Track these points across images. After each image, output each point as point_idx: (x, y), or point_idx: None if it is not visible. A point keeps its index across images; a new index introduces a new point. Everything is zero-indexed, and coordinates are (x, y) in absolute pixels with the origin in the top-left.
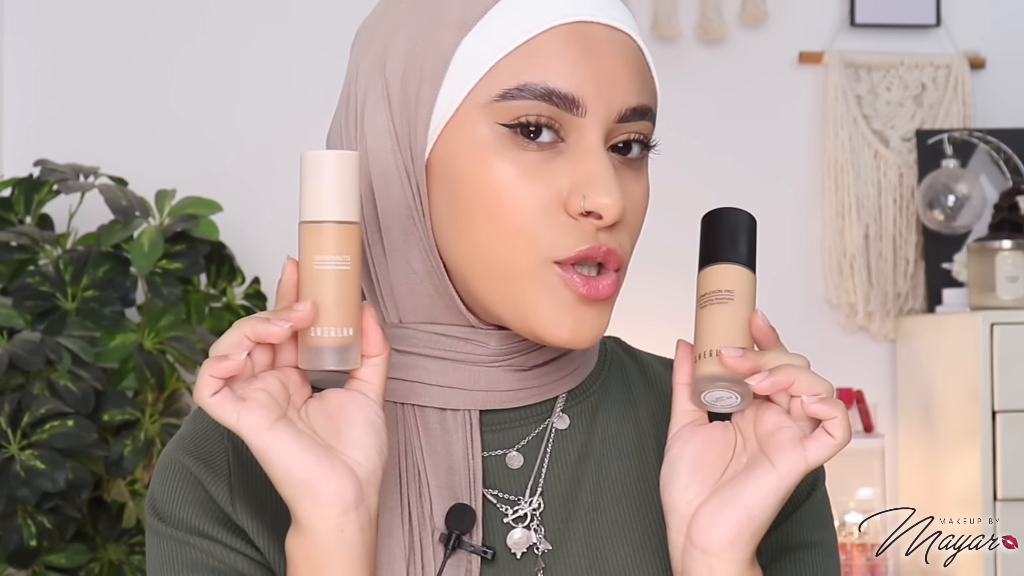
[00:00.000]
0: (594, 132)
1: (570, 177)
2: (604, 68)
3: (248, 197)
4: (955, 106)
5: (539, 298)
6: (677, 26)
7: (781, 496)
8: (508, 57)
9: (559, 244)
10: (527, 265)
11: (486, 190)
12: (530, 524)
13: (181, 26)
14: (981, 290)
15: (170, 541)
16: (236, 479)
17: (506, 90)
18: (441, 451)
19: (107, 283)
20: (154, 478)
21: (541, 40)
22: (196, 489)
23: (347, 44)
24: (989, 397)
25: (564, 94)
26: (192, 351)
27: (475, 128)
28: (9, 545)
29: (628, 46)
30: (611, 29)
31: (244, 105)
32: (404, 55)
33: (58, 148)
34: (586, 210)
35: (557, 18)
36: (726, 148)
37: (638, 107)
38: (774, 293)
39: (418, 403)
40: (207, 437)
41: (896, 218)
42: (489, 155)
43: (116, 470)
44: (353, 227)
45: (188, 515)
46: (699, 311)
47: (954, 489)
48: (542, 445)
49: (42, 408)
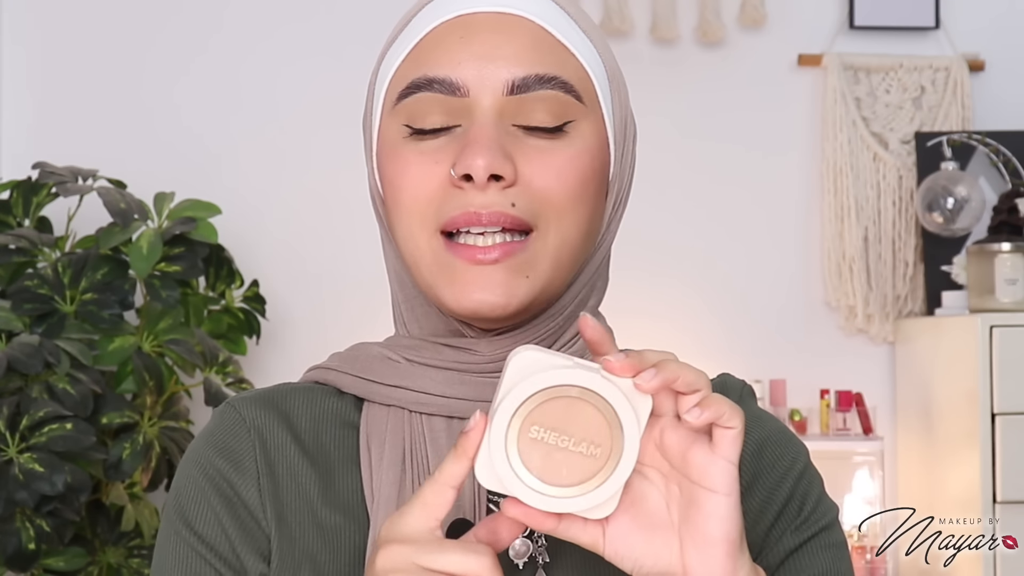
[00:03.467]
0: (479, 108)
1: (457, 151)
2: (483, 47)
3: (247, 200)
4: (954, 108)
5: (438, 274)
6: (676, 29)
7: (737, 506)
8: (403, 63)
9: (443, 211)
10: (423, 241)
11: (393, 183)
12: (531, 535)
13: (180, 28)
14: (980, 292)
15: (187, 547)
16: (265, 480)
17: (400, 91)
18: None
19: (106, 286)
20: (180, 475)
21: (426, 39)
22: (224, 489)
23: (346, 50)
24: (988, 400)
25: (443, 79)
26: (191, 354)
27: (390, 132)
28: (7, 548)
29: (518, 24)
30: (497, 15)
31: (243, 107)
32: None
33: (57, 151)
34: (458, 175)
35: (441, 16)
36: (725, 150)
37: (530, 76)
38: (773, 296)
39: (426, 411)
40: (235, 434)
41: (895, 220)
42: (398, 153)
43: (115, 473)
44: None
45: (211, 529)
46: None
47: (953, 492)
48: None
49: (41, 411)
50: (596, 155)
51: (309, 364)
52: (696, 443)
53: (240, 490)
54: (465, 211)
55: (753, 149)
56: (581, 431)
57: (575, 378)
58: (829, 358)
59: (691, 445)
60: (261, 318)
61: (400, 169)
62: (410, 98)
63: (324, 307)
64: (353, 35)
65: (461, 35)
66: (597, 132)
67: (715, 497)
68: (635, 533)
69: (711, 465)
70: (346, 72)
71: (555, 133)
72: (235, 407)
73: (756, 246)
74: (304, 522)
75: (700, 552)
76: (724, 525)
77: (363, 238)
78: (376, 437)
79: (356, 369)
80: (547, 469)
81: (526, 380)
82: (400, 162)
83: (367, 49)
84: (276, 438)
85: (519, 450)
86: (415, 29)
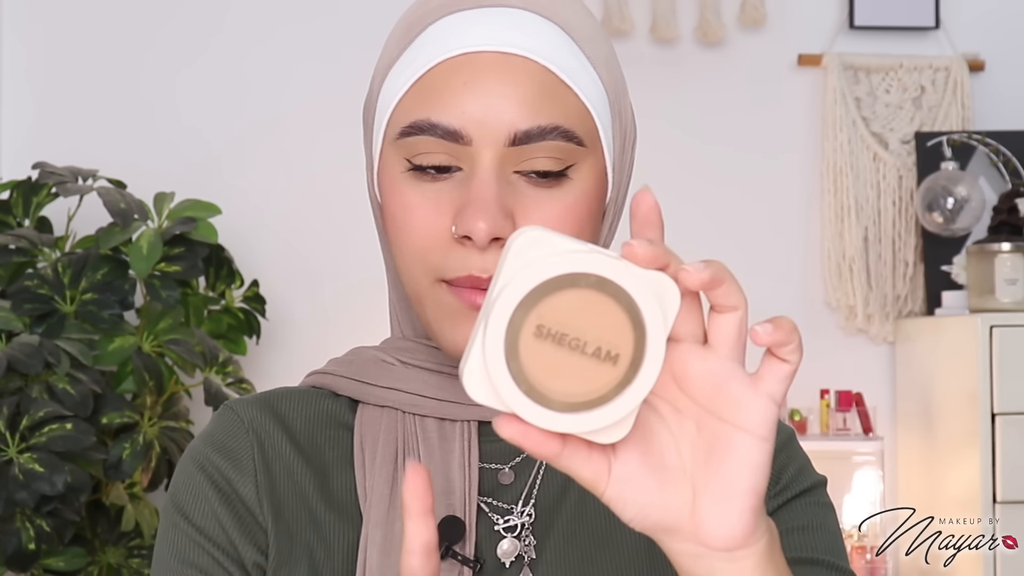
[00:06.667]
0: (481, 159)
1: (459, 203)
2: (487, 97)
3: (247, 200)
4: (954, 108)
5: (436, 314)
6: (676, 29)
7: (770, 456)
8: (407, 95)
9: (445, 267)
10: (425, 286)
11: (395, 220)
12: (520, 534)
13: (181, 30)
14: (980, 292)
15: (185, 538)
16: (262, 477)
17: (403, 128)
18: (439, 460)
19: (106, 286)
20: (178, 472)
21: (431, 75)
22: (222, 485)
23: (346, 51)
24: (988, 400)
25: (447, 127)
26: (191, 354)
27: (391, 162)
28: (8, 548)
29: (524, 70)
30: (503, 56)
31: (243, 107)
32: (367, 91)
33: (57, 151)
34: (459, 234)
35: (446, 51)
36: (725, 150)
37: (532, 129)
38: (773, 295)
39: (419, 413)
40: (233, 435)
41: (895, 220)
42: (398, 187)
43: (115, 473)
44: None
45: (208, 521)
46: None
47: (953, 492)
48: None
49: (41, 411)
50: (594, 195)
51: (309, 364)
52: (734, 374)
53: (237, 486)
54: (468, 274)
55: (753, 149)
56: (596, 332)
57: (592, 265)
58: (829, 358)
59: (729, 376)
60: (261, 318)
61: (401, 207)
62: (413, 138)
63: (324, 307)
64: (354, 36)
65: (465, 80)
66: (596, 168)
67: (749, 440)
68: (645, 475)
69: (753, 401)
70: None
71: (555, 179)
72: (233, 409)
73: (756, 246)
74: (301, 519)
75: (719, 505)
76: (755, 475)
77: (363, 238)
78: (370, 437)
79: (351, 372)
80: (553, 377)
81: (531, 266)
82: (401, 199)
83: (368, 50)
84: (272, 438)
85: (520, 353)
86: (420, 54)
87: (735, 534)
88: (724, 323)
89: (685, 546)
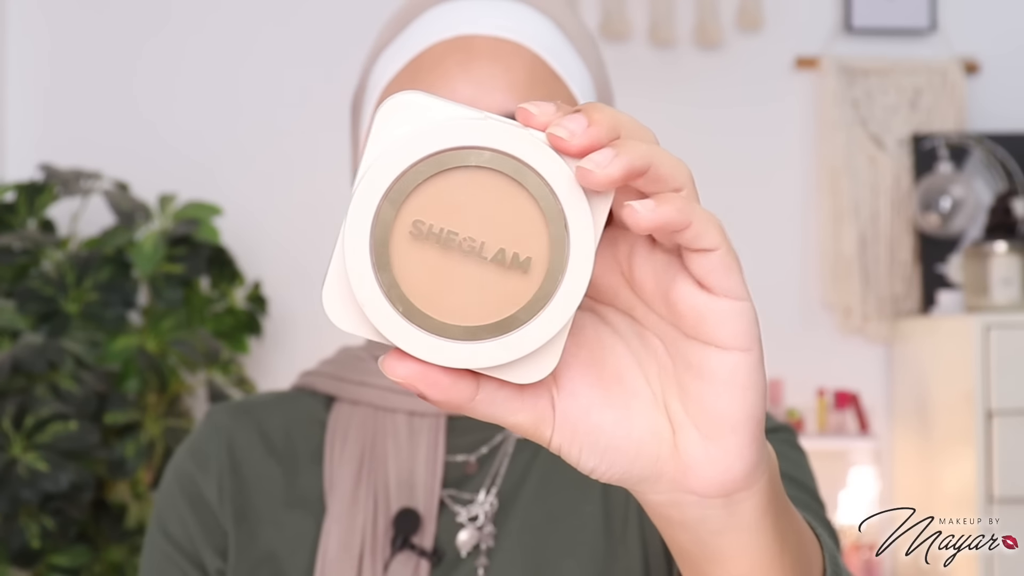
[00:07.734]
0: None
1: None
2: (479, 76)
3: (249, 201)
4: (950, 110)
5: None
6: (674, 31)
7: (759, 366)
8: (398, 76)
9: None
10: None
11: None
12: (482, 524)
13: (182, 31)
14: (976, 292)
15: (159, 553)
16: (227, 479)
17: None
18: (406, 455)
19: (109, 286)
20: (162, 480)
21: (424, 57)
22: (189, 489)
23: (347, 52)
24: (984, 399)
25: None
26: (193, 353)
27: None
28: (12, 546)
29: (515, 54)
30: (496, 41)
31: (245, 110)
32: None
33: (61, 152)
34: None
35: (440, 34)
36: (723, 152)
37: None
38: (771, 296)
39: (390, 407)
40: (207, 439)
41: (892, 221)
42: None
43: (118, 472)
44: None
45: (178, 528)
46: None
47: (949, 490)
48: (502, 447)
49: (45, 410)
50: None
51: (311, 363)
52: (680, 276)
53: (203, 488)
54: None
55: (750, 150)
56: (496, 229)
57: (487, 137)
58: (826, 357)
59: (676, 278)
60: (263, 318)
61: None
62: None
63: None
64: (355, 37)
65: (459, 59)
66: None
67: (726, 356)
68: (601, 408)
69: (711, 306)
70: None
71: None
72: (210, 415)
73: (754, 247)
74: (265, 520)
75: (710, 443)
76: (747, 396)
77: None
78: (340, 432)
79: (331, 370)
80: (440, 293)
81: (401, 141)
82: None
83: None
84: (244, 440)
85: (392, 262)
86: (413, 38)
87: (733, 475)
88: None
89: (668, 495)
